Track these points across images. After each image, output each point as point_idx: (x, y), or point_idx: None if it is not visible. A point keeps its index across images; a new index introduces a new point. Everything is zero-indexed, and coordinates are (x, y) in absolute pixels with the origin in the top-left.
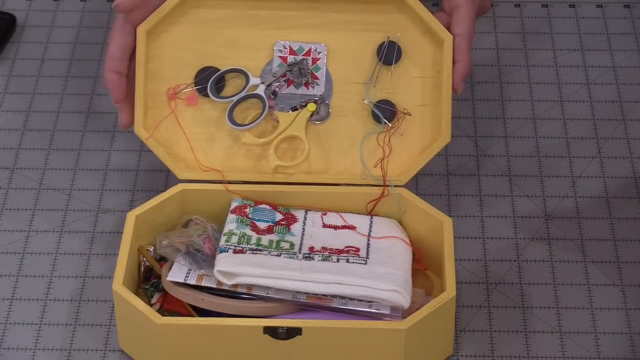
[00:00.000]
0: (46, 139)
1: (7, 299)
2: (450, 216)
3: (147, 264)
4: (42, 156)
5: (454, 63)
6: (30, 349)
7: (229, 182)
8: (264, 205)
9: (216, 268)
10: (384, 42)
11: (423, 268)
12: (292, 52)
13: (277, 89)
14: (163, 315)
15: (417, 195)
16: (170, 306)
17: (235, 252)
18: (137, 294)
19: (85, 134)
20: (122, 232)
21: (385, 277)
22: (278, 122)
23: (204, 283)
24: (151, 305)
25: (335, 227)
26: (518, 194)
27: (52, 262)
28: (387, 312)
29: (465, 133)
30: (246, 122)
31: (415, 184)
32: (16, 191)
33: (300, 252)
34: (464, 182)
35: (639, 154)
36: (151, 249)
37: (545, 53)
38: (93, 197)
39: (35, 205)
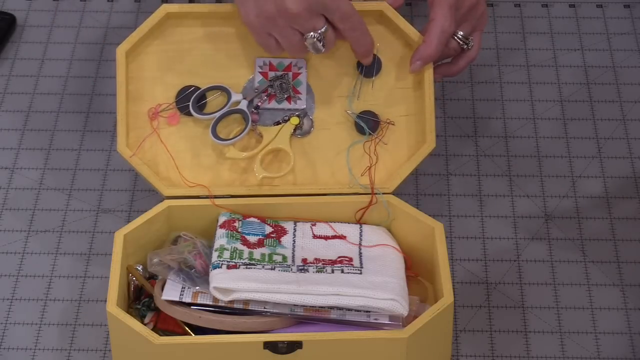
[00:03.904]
0: (46, 139)
1: (7, 299)
2: (450, 216)
3: (137, 283)
4: (42, 156)
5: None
6: (30, 349)
7: (216, 197)
8: (252, 219)
9: (212, 285)
10: None
11: (414, 275)
12: (272, 67)
13: (259, 104)
14: (157, 335)
15: (416, 195)
16: (164, 325)
17: (229, 267)
18: (128, 314)
19: (85, 134)
20: None
21: (382, 286)
22: (262, 136)
23: (199, 300)
24: (144, 325)
25: (326, 238)
26: (518, 194)
27: (52, 262)
28: (386, 321)
29: (465, 133)
30: (230, 137)
31: (415, 184)
32: (16, 191)
33: (294, 265)
34: (464, 182)
35: (639, 154)
36: (140, 268)
37: (545, 53)
38: (93, 197)
39: (35, 205)
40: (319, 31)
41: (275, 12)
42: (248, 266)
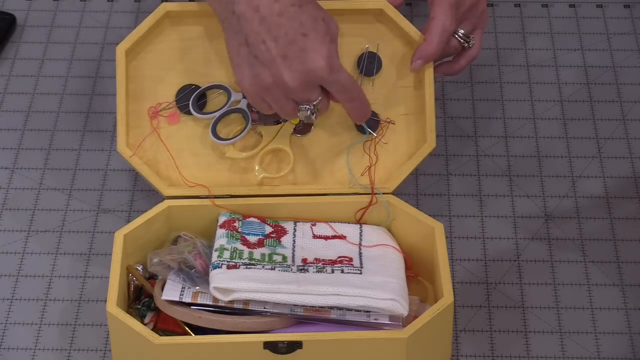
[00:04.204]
0: (46, 139)
1: (7, 299)
2: (450, 216)
3: (137, 283)
4: (42, 156)
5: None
6: (30, 349)
7: (216, 197)
8: (252, 219)
9: (212, 285)
10: (364, 53)
11: (414, 275)
12: None
13: None
14: (157, 335)
15: (416, 195)
16: (164, 325)
17: (229, 267)
18: (128, 314)
19: (85, 134)
20: None
21: (382, 286)
22: (261, 135)
23: (199, 300)
24: (144, 325)
25: (326, 238)
26: (518, 194)
27: (52, 262)
28: (386, 321)
29: (465, 133)
30: (230, 137)
31: (415, 184)
32: (16, 191)
33: (294, 265)
34: (464, 182)
35: (639, 154)
36: (140, 268)
37: (545, 53)
38: (93, 197)
39: (35, 205)
40: (313, 103)
41: (271, 83)
42: (248, 266)
